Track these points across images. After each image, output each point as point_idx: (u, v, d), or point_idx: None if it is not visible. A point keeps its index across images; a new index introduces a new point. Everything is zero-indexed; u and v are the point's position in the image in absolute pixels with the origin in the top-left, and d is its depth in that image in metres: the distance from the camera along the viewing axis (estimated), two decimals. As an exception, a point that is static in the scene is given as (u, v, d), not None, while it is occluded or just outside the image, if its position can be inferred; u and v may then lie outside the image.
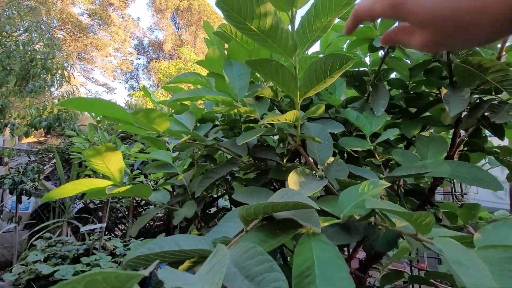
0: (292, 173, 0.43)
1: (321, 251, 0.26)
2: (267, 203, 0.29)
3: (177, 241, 0.31)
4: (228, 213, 0.44)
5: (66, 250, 2.10)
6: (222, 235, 0.35)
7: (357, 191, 0.35)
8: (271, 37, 0.34)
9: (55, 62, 4.12)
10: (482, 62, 0.48)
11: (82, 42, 17.22)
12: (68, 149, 3.30)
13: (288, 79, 0.38)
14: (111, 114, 0.42)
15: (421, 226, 0.28)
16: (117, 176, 0.54)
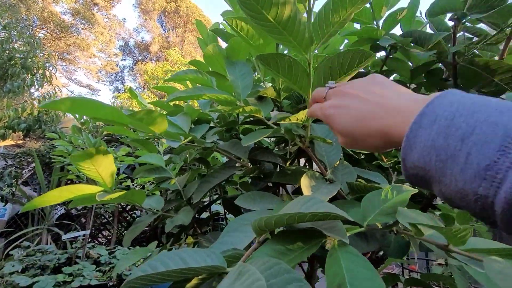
0: (303, 177, 0.40)
1: (351, 264, 0.23)
2: (292, 213, 0.26)
3: (183, 257, 0.27)
4: (232, 222, 0.41)
5: (46, 260, 1.98)
6: (231, 247, 0.32)
7: (379, 197, 0.33)
8: (287, 29, 0.31)
9: (36, 61, 3.94)
10: (489, 63, 0.48)
11: (64, 42, 16.66)
12: (49, 152, 3.15)
13: (300, 76, 0.35)
14: (106, 116, 0.38)
15: (455, 237, 0.26)
16: (108, 182, 0.50)
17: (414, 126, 0.22)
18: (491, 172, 0.18)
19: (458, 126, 0.19)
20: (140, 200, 0.54)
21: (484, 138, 0.18)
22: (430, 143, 0.21)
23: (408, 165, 0.23)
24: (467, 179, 0.19)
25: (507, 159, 0.17)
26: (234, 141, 0.66)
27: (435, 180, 0.21)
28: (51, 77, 4.18)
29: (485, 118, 0.19)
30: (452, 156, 0.19)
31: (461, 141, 0.19)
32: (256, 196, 0.51)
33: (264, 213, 0.43)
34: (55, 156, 2.06)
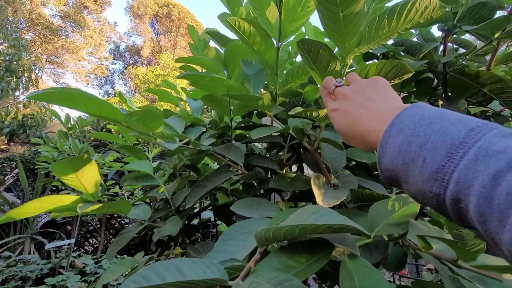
0: (313, 178, 0.39)
1: (363, 278, 0.22)
2: (306, 224, 0.24)
3: (180, 268, 0.25)
4: (229, 229, 0.39)
5: (28, 271, 1.89)
6: (229, 257, 0.30)
7: (387, 207, 0.32)
8: (349, 27, 0.34)
9: (21, 64, 3.83)
10: (479, 74, 0.48)
11: (53, 45, 16.34)
12: (33, 158, 3.04)
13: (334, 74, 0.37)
14: (100, 112, 0.36)
15: (465, 252, 0.25)
16: (91, 192, 0.47)
17: (385, 135, 0.26)
18: (440, 174, 0.21)
19: (418, 135, 0.23)
20: (126, 211, 0.52)
21: (435, 146, 0.22)
22: (397, 149, 0.24)
23: (382, 168, 0.26)
24: (424, 179, 0.22)
25: (452, 163, 0.20)
26: (229, 145, 0.64)
27: (403, 181, 0.24)
28: (37, 80, 4.07)
29: (438, 129, 0.22)
30: (413, 160, 0.23)
31: (419, 148, 0.23)
32: (252, 203, 0.49)
33: (262, 220, 0.42)
34: (39, 162, 1.99)
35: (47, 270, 1.95)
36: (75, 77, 20.16)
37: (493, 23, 0.43)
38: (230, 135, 0.78)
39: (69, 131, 2.07)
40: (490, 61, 0.57)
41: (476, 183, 0.19)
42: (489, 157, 0.19)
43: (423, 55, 0.55)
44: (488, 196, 0.18)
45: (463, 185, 0.19)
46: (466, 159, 0.20)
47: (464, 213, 0.20)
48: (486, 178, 0.18)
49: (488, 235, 0.18)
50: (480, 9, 0.46)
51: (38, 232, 2.97)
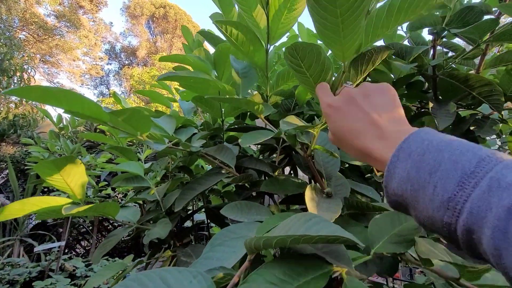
0: (308, 189, 0.38)
1: None
2: (297, 235, 0.23)
3: (165, 278, 0.24)
4: (218, 234, 0.38)
5: (16, 274, 1.85)
6: (218, 265, 0.29)
7: (387, 221, 0.31)
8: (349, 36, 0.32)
9: (13, 63, 3.77)
10: (468, 77, 0.49)
11: (47, 44, 16.15)
12: (24, 158, 2.99)
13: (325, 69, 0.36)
14: (83, 110, 0.35)
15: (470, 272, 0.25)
16: (78, 193, 0.46)
17: (393, 159, 0.25)
18: (452, 204, 0.21)
19: (427, 161, 0.23)
20: (114, 213, 0.51)
21: (446, 174, 0.21)
22: (406, 174, 0.24)
23: (389, 192, 0.26)
24: (434, 207, 0.22)
25: (464, 193, 0.20)
26: (221, 146, 0.63)
27: (411, 207, 0.24)
28: (30, 79, 4.02)
29: (448, 157, 0.22)
30: (423, 187, 0.23)
31: (429, 175, 0.22)
32: (243, 206, 0.48)
33: (253, 225, 0.41)
34: (30, 162, 1.96)
35: (36, 274, 1.91)
36: (70, 77, 19.95)
37: (480, 26, 0.44)
38: (222, 137, 0.78)
39: (61, 131, 2.04)
40: (479, 64, 0.58)
41: (490, 215, 0.18)
42: (502, 190, 0.19)
43: (413, 58, 0.56)
44: (504, 230, 0.17)
45: (476, 217, 0.19)
46: (479, 190, 0.19)
47: (476, 244, 0.20)
48: (500, 211, 0.18)
49: (503, 269, 0.18)
50: (467, 13, 0.47)
51: (28, 234, 2.91)
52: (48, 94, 0.33)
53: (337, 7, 0.29)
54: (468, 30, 0.45)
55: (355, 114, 0.31)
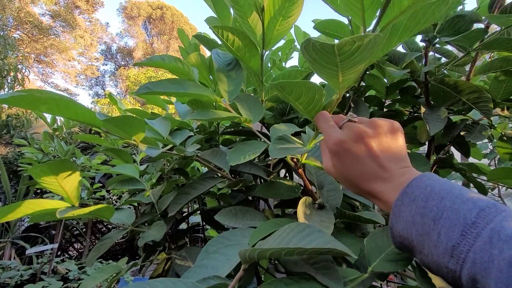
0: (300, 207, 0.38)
1: None
2: (292, 248, 0.24)
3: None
4: (212, 241, 0.38)
5: (7, 277, 1.82)
6: (212, 273, 0.29)
7: (383, 237, 0.32)
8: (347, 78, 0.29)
9: (7, 63, 3.73)
10: (458, 84, 0.50)
11: (41, 44, 15.99)
12: (17, 159, 2.95)
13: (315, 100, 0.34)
14: (76, 116, 0.35)
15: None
16: (72, 196, 0.46)
17: (397, 203, 0.27)
18: (456, 252, 0.22)
19: (431, 208, 0.24)
20: (108, 216, 0.51)
21: (449, 223, 0.23)
22: (411, 219, 0.25)
23: (395, 234, 0.27)
24: (439, 254, 0.23)
25: (467, 243, 0.21)
26: (216, 150, 0.63)
27: (417, 250, 0.25)
28: (24, 79, 3.97)
29: (450, 205, 0.23)
30: (427, 233, 0.24)
31: (433, 222, 0.23)
32: (238, 212, 0.49)
33: (247, 231, 0.41)
34: (23, 164, 1.93)
35: (28, 276, 1.88)
36: (64, 77, 19.76)
37: (470, 35, 0.45)
38: (217, 140, 0.78)
39: (55, 132, 2.02)
40: (469, 71, 0.59)
41: (493, 267, 0.19)
42: (502, 242, 0.20)
43: (406, 64, 0.57)
44: (506, 282, 0.18)
45: (479, 267, 0.20)
46: (481, 241, 0.21)
47: None
48: (502, 264, 0.19)
49: None
50: (458, 21, 0.48)
51: (20, 236, 2.87)
52: (39, 101, 0.33)
53: (339, 68, 0.28)
54: (458, 39, 0.46)
55: (366, 156, 0.31)
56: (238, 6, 0.44)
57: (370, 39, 0.25)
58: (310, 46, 0.26)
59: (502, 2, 0.54)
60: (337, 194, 0.45)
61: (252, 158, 0.42)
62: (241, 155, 0.42)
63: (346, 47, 0.25)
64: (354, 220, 0.42)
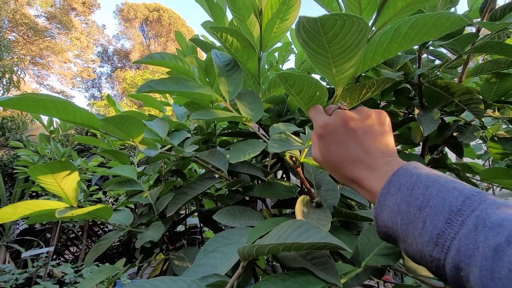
0: (298, 205, 0.39)
1: None
2: (289, 243, 0.24)
3: (158, 286, 0.25)
4: (211, 240, 0.39)
5: (2, 281, 1.80)
6: (211, 271, 0.30)
7: (375, 234, 0.32)
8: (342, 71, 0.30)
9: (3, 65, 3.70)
10: (449, 86, 0.51)
11: (37, 46, 15.89)
12: (12, 162, 2.92)
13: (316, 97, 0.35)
14: (75, 118, 0.35)
15: None
16: (71, 197, 0.47)
17: (383, 192, 0.26)
18: (441, 240, 0.21)
19: (416, 197, 0.24)
20: (107, 216, 0.51)
21: (435, 211, 0.22)
22: (396, 207, 0.25)
23: (379, 223, 0.26)
24: (424, 242, 0.22)
25: (452, 230, 0.21)
26: (213, 151, 0.64)
27: (401, 239, 0.25)
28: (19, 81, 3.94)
29: (436, 193, 0.23)
30: (412, 221, 0.23)
31: (419, 211, 0.23)
32: (236, 211, 0.49)
33: (245, 230, 0.41)
34: (18, 166, 1.92)
35: (23, 280, 1.86)
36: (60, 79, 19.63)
37: (461, 39, 0.47)
38: (215, 141, 0.79)
39: (51, 134, 2.01)
40: (461, 73, 0.61)
41: (478, 254, 0.19)
42: (488, 229, 0.20)
43: (400, 66, 0.58)
44: (490, 269, 0.18)
45: (464, 254, 0.20)
46: (466, 228, 0.20)
47: (463, 281, 0.20)
48: (487, 251, 0.19)
49: None
50: (449, 26, 0.49)
51: (15, 240, 2.83)
52: (37, 104, 0.33)
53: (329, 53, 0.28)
54: (451, 42, 0.48)
55: (350, 140, 0.31)
56: (237, 9, 0.45)
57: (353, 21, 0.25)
58: (301, 26, 0.26)
59: (493, 5, 0.55)
60: (335, 194, 0.46)
61: (252, 156, 0.43)
62: (241, 154, 0.43)
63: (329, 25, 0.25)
64: (350, 218, 0.42)
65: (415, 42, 0.31)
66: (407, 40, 0.31)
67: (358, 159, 0.30)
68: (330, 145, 0.32)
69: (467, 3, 0.67)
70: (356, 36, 0.26)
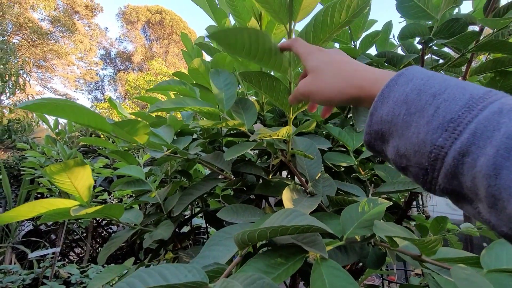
0: (285, 190, 0.41)
1: (333, 278, 0.24)
2: (275, 226, 0.26)
3: (163, 273, 0.26)
4: (214, 235, 0.40)
5: (9, 281, 1.82)
6: (213, 261, 0.31)
7: (357, 210, 0.34)
8: (263, 61, 0.32)
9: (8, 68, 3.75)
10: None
11: (41, 49, 16.06)
12: (18, 164, 2.95)
13: (282, 93, 0.37)
14: (88, 122, 0.37)
15: (426, 248, 0.27)
16: (84, 196, 0.48)
17: (391, 83, 0.24)
18: (453, 124, 0.20)
19: (431, 85, 0.22)
20: (118, 215, 0.52)
21: (453, 97, 0.20)
22: (403, 97, 0.23)
23: (374, 120, 0.24)
24: (430, 130, 0.20)
25: (470, 114, 0.19)
26: (217, 153, 0.66)
27: (396, 135, 0.23)
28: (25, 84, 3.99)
29: (455, 83, 0.21)
30: (421, 109, 0.21)
31: (433, 97, 0.21)
32: (238, 209, 0.51)
33: (246, 225, 0.43)
34: (25, 167, 1.94)
35: (30, 281, 1.88)
36: (64, 82, 19.79)
37: (463, 37, 0.47)
38: (221, 142, 0.80)
39: (57, 136, 2.04)
40: (465, 72, 0.61)
41: (498, 134, 0.18)
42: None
43: (404, 65, 0.59)
44: (510, 148, 0.17)
45: (480, 136, 0.18)
46: (488, 111, 0.19)
47: (461, 171, 0.19)
48: (511, 129, 0.17)
49: (494, 190, 0.17)
50: (453, 25, 0.50)
51: (20, 241, 2.86)
52: (57, 108, 0.35)
53: (235, 48, 0.31)
54: (452, 41, 0.49)
55: (348, 61, 0.30)
56: (237, 13, 0.47)
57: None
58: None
59: (496, 4, 0.56)
60: (331, 188, 0.48)
61: (241, 153, 0.46)
62: (235, 152, 0.47)
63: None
64: (340, 204, 0.44)
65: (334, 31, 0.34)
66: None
67: (356, 63, 0.29)
68: (328, 71, 0.30)
69: (471, 3, 0.68)
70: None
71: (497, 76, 0.59)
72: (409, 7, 0.52)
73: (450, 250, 0.33)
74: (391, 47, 0.75)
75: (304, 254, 0.29)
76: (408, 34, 0.58)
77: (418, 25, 0.54)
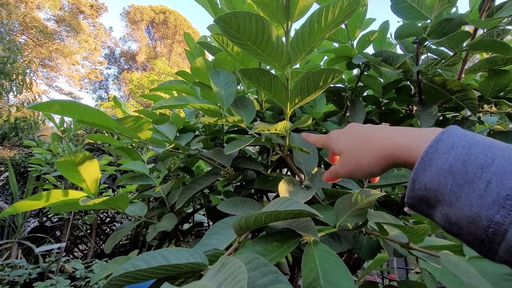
0: (281, 182, 0.43)
1: (324, 260, 0.26)
2: (269, 211, 0.28)
3: (165, 255, 0.28)
4: (213, 225, 0.43)
5: (16, 275, 1.86)
6: (213, 248, 0.34)
7: (350, 200, 0.36)
8: (266, 50, 0.35)
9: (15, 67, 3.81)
10: (446, 82, 0.54)
11: (46, 49, 16.23)
12: (24, 161, 3.01)
13: (279, 90, 0.39)
14: (94, 119, 0.40)
15: (415, 236, 0.29)
16: (92, 188, 0.51)
17: (430, 150, 0.23)
18: (510, 202, 0.19)
19: (476, 155, 0.21)
20: (124, 206, 0.55)
21: (503, 170, 0.20)
22: (447, 167, 0.22)
23: (417, 186, 0.24)
24: (484, 204, 0.20)
25: None
26: (218, 149, 0.68)
27: (445, 203, 0.22)
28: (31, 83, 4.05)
29: (501, 153, 0.21)
30: (470, 182, 0.21)
31: (481, 170, 0.21)
32: (238, 202, 0.53)
33: None
34: (31, 164, 1.99)
35: (36, 275, 1.93)
36: (68, 81, 19.98)
37: (455, 36, 0.49)
38: (222, 139, 0.82)
39: (63, 134, 2.08)
40: (460, 71, 0.63)
41: None
42: None
43: (400, 64, 0.61)
44: None
45: None
46: None
47: None
48: None
49: None
50: (446, 25, 0.52)
51: (26, 237, 2.92)
52: (65, 107, 0.38)
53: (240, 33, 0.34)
54: (444, 40, 0.50)
55: (373, 129, 0.30)
56: None
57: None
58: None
59: (491, 4, 0.58)
60: (328, 184, 0.50)
61: (240, 148, 0.48)
62: (235, 146, 0.49)
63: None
64: (335, 197, 0.46)
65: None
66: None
67: (390, 130, 0.29)
68: (353, 128, 0.32)
69: (468, 3, 0.69)
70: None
71: (491, 75, 0.60)
72: (403, 8, 0.54)
73: (435, 239, 0.35)
74: (388, 46, 0.77)
75: (298, 239, 0.31)
76: (404, 34, 0.59)
77: (412, 25, 0.56)
